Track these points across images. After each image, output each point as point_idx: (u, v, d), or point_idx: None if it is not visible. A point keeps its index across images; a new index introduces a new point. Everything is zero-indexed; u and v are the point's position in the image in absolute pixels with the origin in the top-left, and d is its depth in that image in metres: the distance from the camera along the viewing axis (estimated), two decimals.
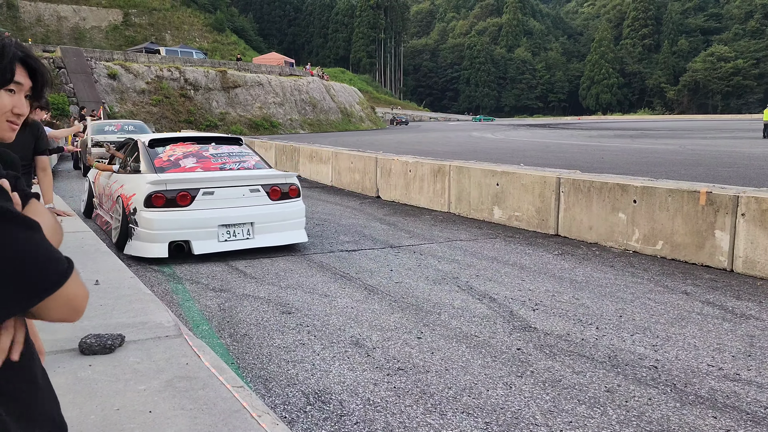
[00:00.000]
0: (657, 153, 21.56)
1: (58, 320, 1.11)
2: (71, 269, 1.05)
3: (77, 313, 1.11)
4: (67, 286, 1.03)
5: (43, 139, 5.21)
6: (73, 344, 2.35)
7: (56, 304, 1.03)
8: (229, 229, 6.34)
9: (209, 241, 6.23)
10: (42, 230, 1.03)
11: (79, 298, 1.07)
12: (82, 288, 1.09)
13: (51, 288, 1.01)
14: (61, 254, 1.05)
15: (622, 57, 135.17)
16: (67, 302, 1.05)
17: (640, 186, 6.47)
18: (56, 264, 1.03)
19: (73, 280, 1.05)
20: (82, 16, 75.56)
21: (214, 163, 6.88)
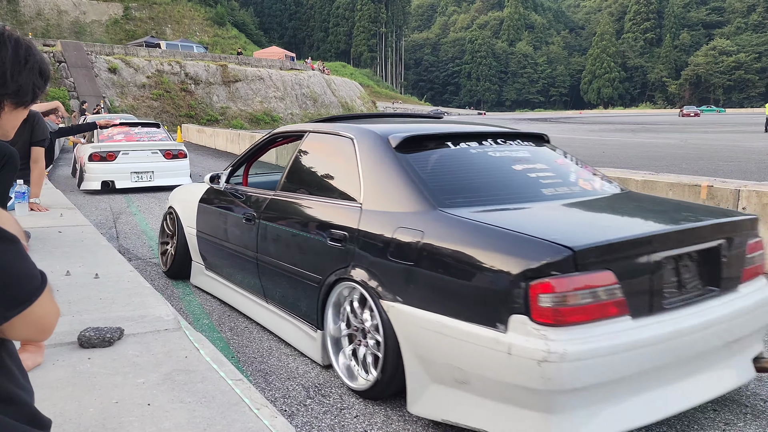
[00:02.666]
0: (658, 147, 21.55)
1: (23, 339, 1.04)
2: (44, 286, 1.00)
3: (45, 333, 1.04)
4: (38, 303, 0.98)
5: (39, 129, 5.20)
6: (72, 337, 2.35)
7: (24, 322, 0.97)
8: (138, 175, 11.19)
9: (125, 180, 11.08)
10: (18, 242, 0.99)
11: (49, 316, 1.01)
12: (54, 305, 1.03)
13: (18, 306, 0.95)
14: (35, 270, 0.99)
15: (623, 51, 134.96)
16: (37, 321, 0.99)
17: (641, 180, 6.46)
18: (28, 280, 0.97)
19: (45, 298, 1.00)
20: (83, 10, 75.47)
21: (135, 137, 11.81)
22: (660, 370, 2.55)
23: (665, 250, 2.62)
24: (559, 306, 2.32)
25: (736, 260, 2.93)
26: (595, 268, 2.39)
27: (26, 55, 1.21)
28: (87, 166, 10.96)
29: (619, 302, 2.44)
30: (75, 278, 3.32)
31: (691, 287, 2.74)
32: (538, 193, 3.17)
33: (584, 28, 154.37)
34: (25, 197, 5.09)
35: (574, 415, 2.37)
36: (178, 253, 5.05)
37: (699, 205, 3.89)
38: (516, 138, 3.71)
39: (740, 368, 2.92)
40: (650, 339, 2.46)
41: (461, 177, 3.24)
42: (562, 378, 2.27)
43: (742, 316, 2.85)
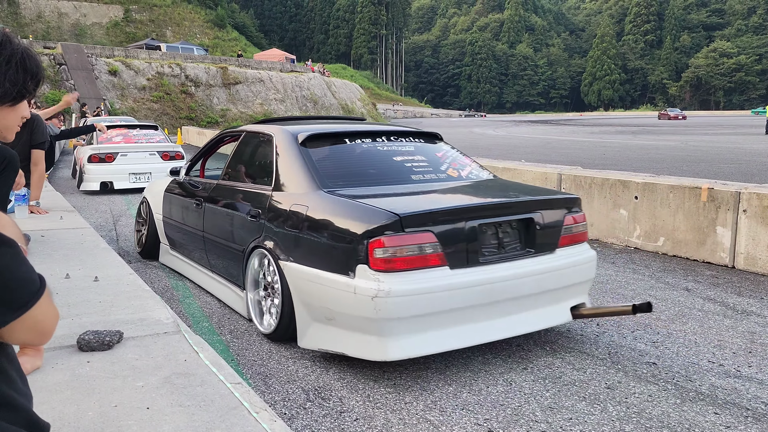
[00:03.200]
0: (659, 149, 21.53)
1: (22, 343, 1.04)
2: (42, 290, 0.99)
3: (45, 337, 1.03)
4: (37, 307, 0.97)
5: (38, 131, 5.19)
6: (72, 341, 2.34)
7: (23, 326, 0.96)
8: (136, 176, 11.37)
9: (124, 181, 11.23)
10: (16, 246, 0.98)
11: (48, 320, 1.00)
12: (53, 309, 1.02)
13: (17, 311, 0.94)
14: (33, 274, 0.98)
15: (624, 53, 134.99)
16: (35, 325, 0.98)
17: (641, 182, 6.46)
18: (26, 285, 0.96)
19: (44, 302, 0.99)
20: (83, 13, 75.52)
21: (133, 139, 12.08)
22: (476, 308, 3.37)
23: (480, 218, 3.45)
24: (389, 257, 3.16)
25: (552, 229, 3.75)
26: (418, 229, 3.23)
27: (10, 53, 1.19)
28: (86, 167, 11.22)
29: (438, 255, 3.26)
30: (74, 281, 3.32)
31: (510, 248, 3.58)
32: (407, 178, 4.05)
33: (584, 30, 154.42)
34: (25, 200, 5.09)
35: (401, 337, 3.19)
36: (149, 236, 5.89)
37: (533, 187, 4.73)
38: (409, 136, 4.58)
39: (557, 313, 3.73)
40: (463, 284, 3.28)
41: (346, 165, 4.14)
42: (389, 309, 3.10)
43: (555, 272, 3.67)
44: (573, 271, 3.78)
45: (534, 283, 3.57)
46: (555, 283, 3.68)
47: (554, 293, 3.70)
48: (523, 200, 3.79)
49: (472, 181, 4.31)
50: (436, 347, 3.27)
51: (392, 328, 3.16)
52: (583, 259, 3.87)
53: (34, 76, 1.24)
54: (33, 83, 1.24)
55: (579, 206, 4.00)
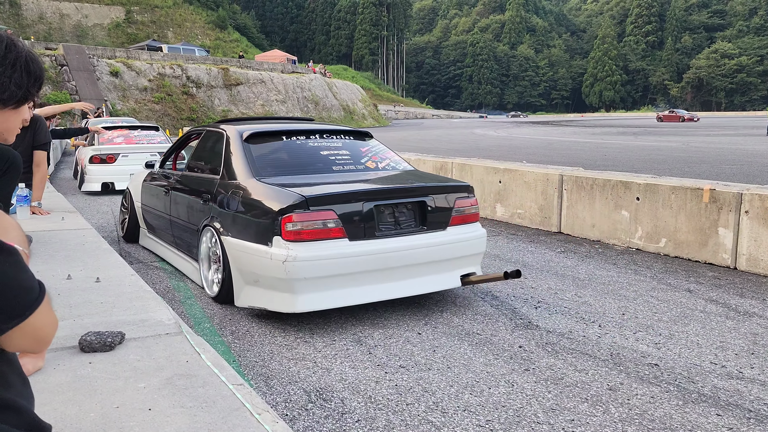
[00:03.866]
0: (660, 150, 21.52)
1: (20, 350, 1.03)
2: (41, 298, 0.98)
3: (43, 345, 1.02)
4: (36, 315, 0.96)
5: (41, 132, 5.20)
6: (73, 342, 2.33)
7: (21, 334, 0.95)
8: None
9: (125, 182, 10.03)
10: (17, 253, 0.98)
11: (46, 328, 0.99)
12: (52, 317, 1.01)
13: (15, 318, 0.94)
14: (33, 281, 0.97)
15: (625, 54, 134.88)
16: (34, 333, 0.97)
17: (643, 183, 6.45)
18: (25, 293, 0.95)
19: (43, 309, 0.98)
20: (85, 14, 75.60)
21: (134, 140, 12.04)
22: (372, 272, 4.12)
23: (377, 200, 4.20)
24: (298, 230, 3.92)
25: (443, 211, 4.49)
26: (321, 208, 3.99)
27: (6, 52, 1.20)
28: (87, 168, 11.31)
29: (339, 230, 4.02)
30: (76, 282, 3.31)
31: (405, 225, 4.32)
32: (328, 168, 4.80)
33: (585, 31, 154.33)
34: (27, 201, 5.09)
35: (307, 294, 3.96)
36: (131, 221, 6.77)
37: (434, 176, 5.43)
38: (341, 134, 5.34)
39: (448, 280, 4.50)
40: (360, 252, 4.04)
41: (279, 158, 4.91)
42: (296, 271, 3.86)
43: (446, 246, 4.43)
44: (463, 246, 4.55)
45: (426, 254, 4.33)
46: (446, 255, 4.44)
47: (445, 263, 4.46)
48: (417, 186, 4.55)
49: (386, 171, 5.07)
50: (336, 303, 4.05)
51: (299, 287, 3.92)
52: (473, 236, 4.64)
53: (37, 79, 1.25)
54: (36, 86, 1.25)
55: (470, 192, 4.75)
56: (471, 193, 4.76)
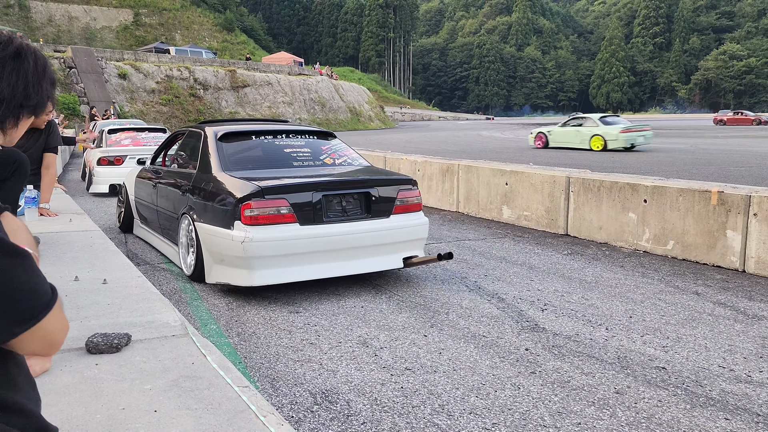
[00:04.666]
0: (668, 152, 21.42)
1: (31, 354, 1.03)
2: (53, 301, 0.98)
3: (53, 348, 1.02)
4: (47, 319, 0.96)
5: (54, 135, 5.25)
6: (80, 343, 2.34)
7: (32, 337, 0.96)
8: None
9: None
10: (30, 256, 0.98)
11: (58, 332, 1.00)
12: (63, 321, 1.00)
13: (27, 322, 0.94)
14: (45, 284, 0.98)
15: (632, 55, 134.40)
16: (45, 336, 0.98)
17: (650, 185, 6.42)
18: (38, 296, 0.95)
19: (55, 313, 0.98)
20: (93, 16, 76.01)
21: (142, 142, 12.14)
22: (320, 253, 4.74)
23: (325, 191, 4.80)
24: (255, 215, 4.54)
25: (386, 201, 5.08)
26: (275, 197, 4.60)
27: (44, 66, 1.21)
28: (96, 170, 11.34)
29: (290, 216, 4.63)
30: (83, 284, 3.33)
31: (351, 213, 4.93)
32: (289, 164, 5.39)
33: (593, 33, 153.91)
34: (35, 202, 5.12)
35: (262, 270, 4.59)
36: (125, 213, 7.44)
37: (382, 170, 6.03)
38: (306, 134, 5.96)
39: (391, 261, 5.10)
40: (308, 235, 4.66)
41: (246, 154, 5.52)
42: (252, 250, 4.49)
43: (389, 232, 5.02)
44: (405, 232, 5.14)
45: (370, 238, 4.92)
46: (388, 239, 5.03)
47: (388, 246, 5.06)
48: (361, 179, 5.17)
49: (341, 166, 5.62)
50: (288, 278, 4.67)
51: (255, 264, 4.55)
52: (415, 223, 5.23)
53: (55, 84, 1.27)
54: (54, 91, 1.27)
55: (413, 185, 5.33)
56: (414, 186, 5.34)
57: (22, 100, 1.17)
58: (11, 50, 1.16)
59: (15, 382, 1.06)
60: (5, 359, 1.04)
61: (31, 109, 1.20)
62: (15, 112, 1.17)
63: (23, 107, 1.17)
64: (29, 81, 1.17)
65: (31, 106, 1.19)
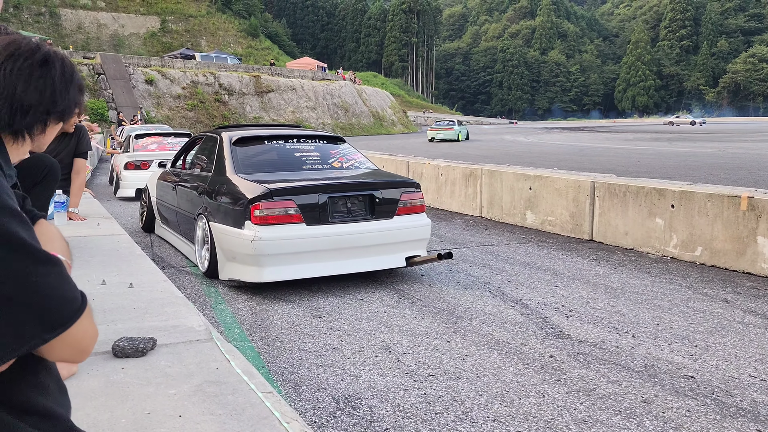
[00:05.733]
0: (696, 156, 21.08)
1: (61, 360, 1.03)
2: (83, 308, 0.98)
3: (83, 355, 1.02)
4: (77, 326, 0.96)
5: (84, 141, 5.34)
6: (107, 347, 2.37)
7: (62, 344, 0.96)
8: None
9: None
10: (61, 264, 0.99)
11: (87, 338, 1.00)
12: (92, 327, 1.01)
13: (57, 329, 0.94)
14: (76, 292, 0.98)
15: (659, 59, 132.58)
16: (74, 343, 0.98)
17: (678, 190, 6.32)
18: (68, 303, 0.96)
19: (84, 320, 0.98)
20: (121, 24, 77.37)
21: (168, 146, 12.16)
22: (325, 251, 4.96)
23: (331, 193, 5.03)
24: (264, 215, 4.76)
25: (389, 202, 5.28)
26: (283, 198, 4.83)
27: (71, 73, 1.23)
28: (122, 174, 11.54)
29: (298, 216, 4.85)
30: (110, 287, 3.37)
31: (356, 213, 5.15)
32: (298, 167, 5.64)
33: (618, 36, 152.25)
34: (64, 207, 5.20)
35: (271, 267, 4.83)
36: (148, 214, 7.74)
37: (386, 173, 6.30)
38: (315, 139, 6.16)
39: (394, 260, 5.31)
40: (314, 235, 4.89)
41: (259, 158, 5.74)
42: (261, 248, 4.72)
43: (391, 232, 5.23)
44: (407, 232, 5.33)
45: (373, 238, 5.13)
46: (391, 239, 5.23)
47: (391, 246, 5.25)
48: (366, 181, 5.42)
49: (348, 170, 5.85)
50: (295, 275, 4.90)
51: (264, 261, 4.79)
52: (417, 224, 5.41)
53: (82, 91, 1.29)
54: (82, 98, 1.29)
55: (416, 187, 5.54)
56: (417, 188, 5.54)
57: (49, 107, 1.18)
58: (39, 57, 1.18)
59: (46, 388, 1.07)
60: (36, 365, 1.06)
61: (59, 115, 1.21)
62: (42, 118, 1.18)
63: (50, 113, 1.19)
64: (56, 87, 1.19)
65: (58, 112, 1.20)
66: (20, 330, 0.93)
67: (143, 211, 8.02)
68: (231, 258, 5.05)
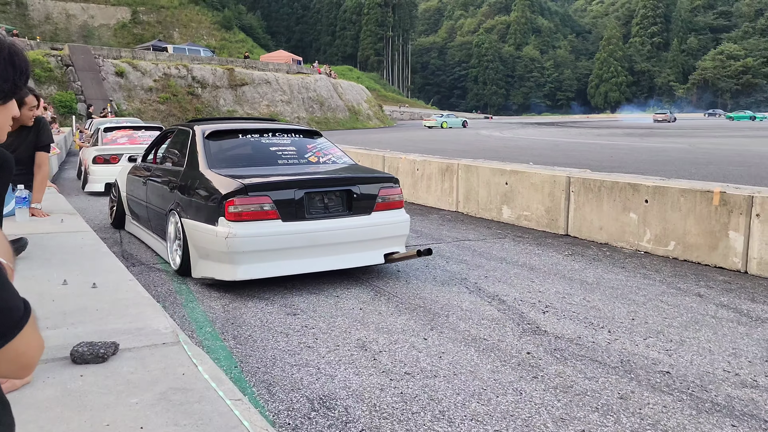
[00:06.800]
0: (667, 151, 21.37)
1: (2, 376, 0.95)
2: (26, 318, 0.89)
3: (27, 370, 0.93)
4: (19, 338, 0.88)
5: (45, 133, 5.13)
6: (65, 352, 2.24)
7: (2, 359, 0.87)
8: None
9: None
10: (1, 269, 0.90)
11: (30, 351, 0.91)
12: (37, 339, 0.92)
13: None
14: (18, 300, 0.89)
15: (630, 55, 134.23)
16: (16, 357, 0.89)
17: (651, 185, 6.35)
18: (8, 313, 0.87)
19: (27, 332, 0.89)
20: (91, 14, 75.78)
21: (138, 140, 11.70)
22: (302, 248, 4.82)
23: (307, 188, 4.90)
24: (238, 212, 4.63)
25: (367, 198, 5.14)
26: (258, 194, 4.69)
27: (6, 54, 1.14)
28: (91, 168, 11.26)
29: (273, 212, 4.71)
30: (71, 287, 3.23)
31: (333, 209, 5.01)
32: (274, 162, 5.49)
33: (591, 32, 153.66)
34: (26, 202, 5.01)
35: (246, 265, 4.70)
36: (118, 210, 7.60)
37: (364, 168, 6.15)
38: (291, 132, 6.02)
39: (372, 257, 5.18)
40: (290, 231, 4.75)
41: (232, 152, 5.63)
42: (236, 246, 4.59)
43: (369, 228, 5.11)
44: (385, 228, 5.22)
45: (351, 234, 5.01)
46: (369, 235, 5.12)
47: (369, 243, 5.14)
48: (343, 177, 5.28)
49: (325, 165, 5.71)
50: (270, 273, 4.78)
51: (239, 259, 4.66)
52: (396, 220, 5.30)
53: (23, 72, 1.20)
54: (23, 79, 1.20)
55: (395, 183, 5.42)
56: (396, 184, 5.43)
57: None
58: None
59: None
60: None
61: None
62: None
63: None
64: None
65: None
66: None
67: (113, 207, 7.86)
68: (204, 255, 4.91)
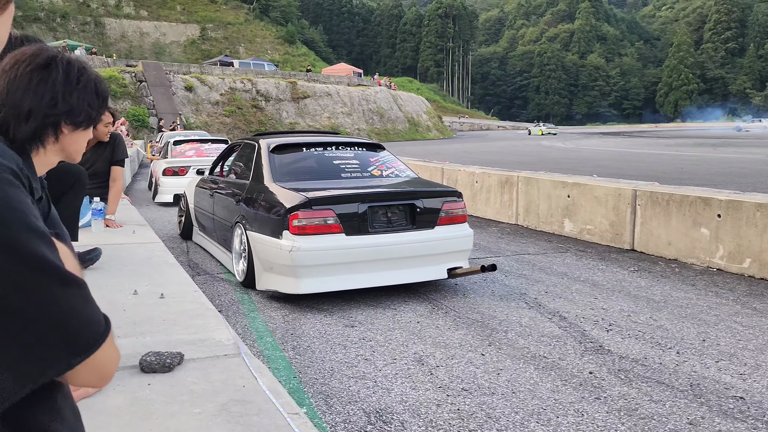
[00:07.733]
0: (742, 163, 20.42)
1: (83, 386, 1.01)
2: (107, 333, 0.94)
3: (105, 380, 0.98)
4: (101, 350, 0.91)
5: (120, 149, 5.41)
6: (134, 360, 2.34)
7: (86, 369, 0.91)
8: None
9: None
10: (85, 286, 0.95)
11: (109, 363, 0.95)
12: (115, 351, 0.98)
13: (83, 354, 0.90)
14: (100, 315, 0.93)
15: (702, 62, 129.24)
16: (99, 368, 0.93)
17: (724, 199, 6.07)
18: (93, 328, 0.91)
19: (108, 344, 0.93)
20: (163, 32, 79.14)
21: (205, 153, 12.15)
22: (365, 263, 4.84)
23: (371, 202, 4.90)
24: (302, 225, 4.66)
25: (431, 212, 5.13)
26: (322, 207, 4.73)
27: (78, 75, 1.22)
28: (161, 180, 11.73)
29: (337, 226, 4.74)
30: (141, 297, 3.37)
31: (396, 223, 5.02)
32: (337, 175, 5.55)
33: (660, 39, 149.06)
34: (101, 214, 5.27)
35: (309, 279, 4.73)
36: (186, 221, 7.75)
37: (427, 181, 6.31)
38: (354, 146, 6.06)
39: (435, 272, 5.16)
40: (354, 245, 4.77)
41: (297, 166, 5.70)
42: (299, 259, 4.62)
43: (433, 243, 5.07)
44: (449, 243, 5.17)
45: (414, 249, 5.00)
46: (432, 250, 5.10)
47: (432, 257, 5.12)
48: (406, 191, 5.35)
49: (388, 178, 5.76)
50: (333, 287, 4.81)
51: (302, 272, 4.70)
52: (459, 235, 5.26)
53: (105, 100, 1.31)
54: (104, 107, 1.30)
55: (458, 197, 5.37)
56: (459, 198, 5.38)
57: (48, 110, 1.17)
58: (40, 61, 1.17)
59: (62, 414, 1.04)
60: (53, 390, 1.02)
61: (65, 117, 1.19)
62: (45, 122, 1.17)
63: (49, 117, 1.18)
64: (57, 90, 1.18)
65: (57, 114, 1.18)
66: (45, 355, 0.89)
67: (181, 218, 8.06)
68: (268, 268, 4.94)
